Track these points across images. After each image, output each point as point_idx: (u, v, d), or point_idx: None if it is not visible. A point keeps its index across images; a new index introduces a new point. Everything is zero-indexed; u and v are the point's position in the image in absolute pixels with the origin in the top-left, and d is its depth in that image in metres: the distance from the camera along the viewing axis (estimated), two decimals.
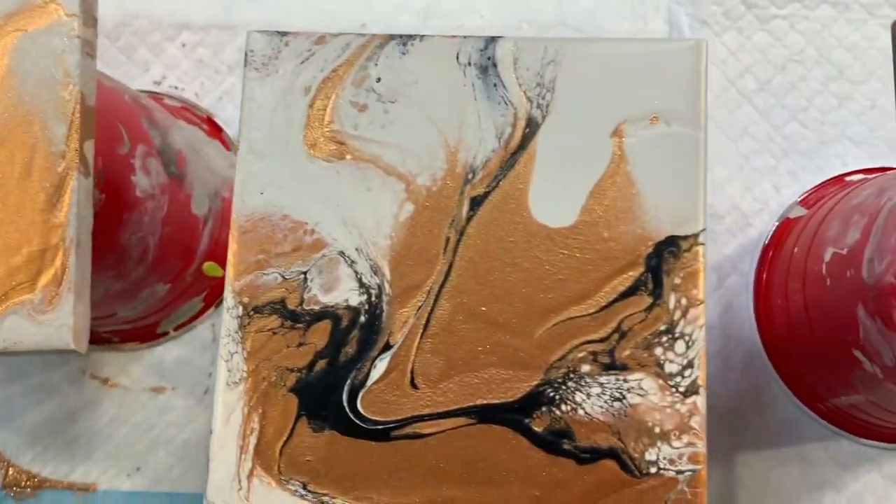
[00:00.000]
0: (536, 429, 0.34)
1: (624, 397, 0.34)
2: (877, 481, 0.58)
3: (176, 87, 0.64)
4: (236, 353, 0.35)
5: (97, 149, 0.43)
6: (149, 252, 0.51)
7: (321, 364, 0.35)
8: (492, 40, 0.36)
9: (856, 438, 0.58)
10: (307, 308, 0.35)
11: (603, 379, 0.34)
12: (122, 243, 0.48)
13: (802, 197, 0.60)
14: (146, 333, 0.61)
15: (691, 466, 0.33)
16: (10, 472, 0.61)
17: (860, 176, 0.60)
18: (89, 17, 0.39)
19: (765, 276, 0.59)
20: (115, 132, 0.46)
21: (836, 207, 0.54)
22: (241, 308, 0.35)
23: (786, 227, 0.59)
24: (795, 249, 0.56)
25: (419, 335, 0.35)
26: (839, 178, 0.60)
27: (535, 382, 0.34)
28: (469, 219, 0.35)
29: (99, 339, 0.61)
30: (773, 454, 0.58)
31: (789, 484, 0.58)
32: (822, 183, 0.60)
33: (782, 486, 0.58)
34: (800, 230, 0.58)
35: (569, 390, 0.34)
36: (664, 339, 0.34)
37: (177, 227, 0.53)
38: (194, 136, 0.57)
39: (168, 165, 0.51)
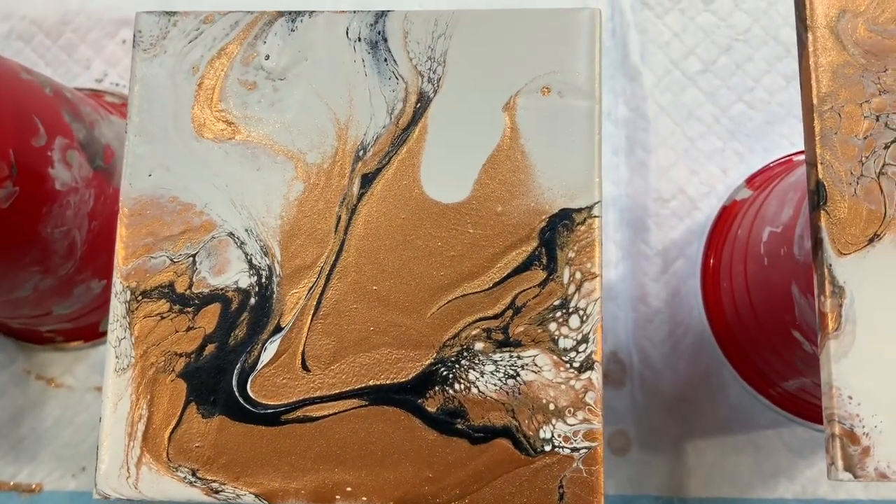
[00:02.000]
0: (429, 409, 0.33)
1: (518, 374, 0.33)
2: None
3: (117, 84, 0.63)
4: (124, 338, 0.34)
5: (9, 140, 0.43)
6: (76, 247, 0.51)
7: (210, 348, 0.34)
8: (382, 14, 0.36)
9: (809, 424, 0.57)
10: (196, 291, 0.34)
11: (497, 356, 0.33)
12: (44, 237, 0.48)
13: (749, 178, 0.59)
14: (90, 332, 0.60)
15: (587, 444, 0.32)
16: None
17: None
18: None
19: (712, 259, 0.58)
20: (30, 124, 0.45)
21: (777, 187, 0.53)
22: (128, 293, 0.34)
23: (732, 209, 0.58)
24: (739, 231, 0.55)
25: (310, 316, 0.34)
26: (787, 159, 0.59)
27: (427, 362, 0.33)
28: (360, 196, 0.35)
29: (42, 339, 0.61)
30: (726, 441, 0.57)
31: (742, 472, 0.57)
32: (769, 164, 0.59)
33: (735, 475, 0.57)
34: (744, 211, 0.56)
35: (462, 369, 0.33)
36: (558, 314, 0.33)
37: (107, 222, 0.53)
38: None
39: (93, 159, 0.51)
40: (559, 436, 0.32)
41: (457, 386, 0.33)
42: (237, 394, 0.33)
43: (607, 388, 0.57)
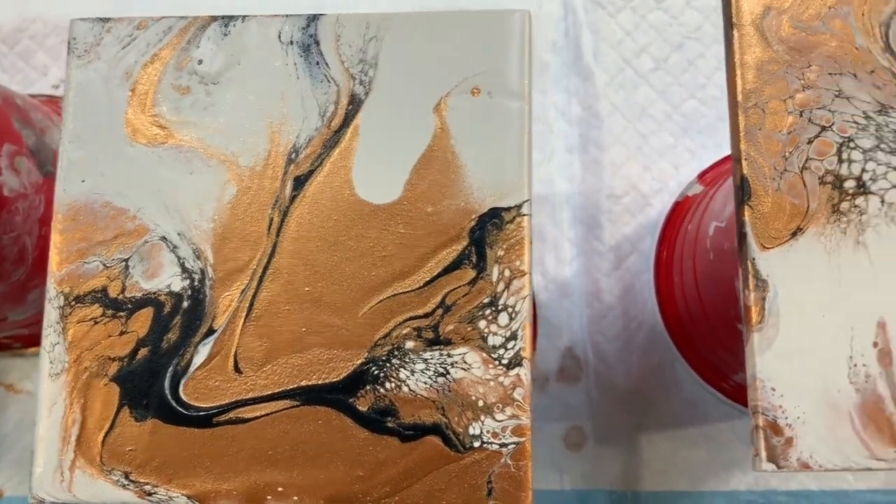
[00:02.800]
0: (360, 408, 0.33)
1: (448, 372, 0.33)
2: None
3: None
4: (58, 343, 0.34)
5: None
6: (27, 253, 0.51)
7: (143, 352, 0.34)
8: (314, 18, 0.36)
9: None
10: (129, 296, 0.35)
11: (427, 354, 0.33)
12: None
13: (700, 174, 0.59)
14: None
15: (515, 439, 0.33)
16: None
17: None
18: None
19: (664, 254, 0.58)
20: None
21: (725, 182, 0.54)
22: (62, 298, 0.35)
23: (684, 204, 0.59)
24: (689, 226, 0.56)
25: (243, 318, 0.34)
26: None
27: (359, 361, 0.34)
28: (293, 199, 0.35)
29: (0, 346, 0.61)
30: (679, 434, 0.58)
31: (696, 464, 0.57)
32: (721, 159, 0.60)
33: (689, 467, 0.57)
34: (695, 207, 0.57)
35: (393, 367, 0.33)
36: (487, 311, 0.34)
37: None
38: None
39: (44, 165, 0.51)
40: (488, 432, 0.33)
41: (388, 385, 0.33)
42: (170, 397, 0.34)
43: (563, 384, 0.58)
